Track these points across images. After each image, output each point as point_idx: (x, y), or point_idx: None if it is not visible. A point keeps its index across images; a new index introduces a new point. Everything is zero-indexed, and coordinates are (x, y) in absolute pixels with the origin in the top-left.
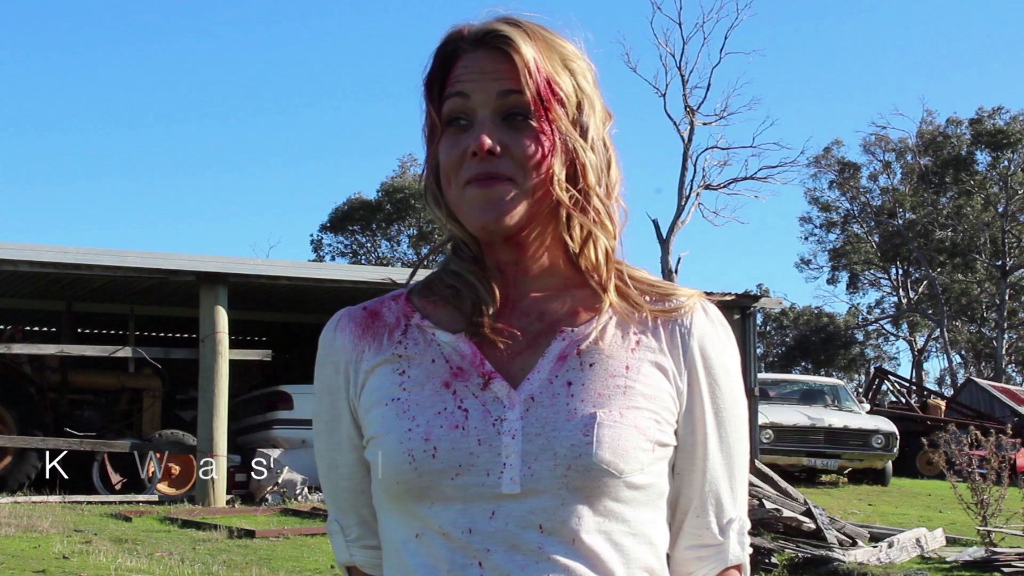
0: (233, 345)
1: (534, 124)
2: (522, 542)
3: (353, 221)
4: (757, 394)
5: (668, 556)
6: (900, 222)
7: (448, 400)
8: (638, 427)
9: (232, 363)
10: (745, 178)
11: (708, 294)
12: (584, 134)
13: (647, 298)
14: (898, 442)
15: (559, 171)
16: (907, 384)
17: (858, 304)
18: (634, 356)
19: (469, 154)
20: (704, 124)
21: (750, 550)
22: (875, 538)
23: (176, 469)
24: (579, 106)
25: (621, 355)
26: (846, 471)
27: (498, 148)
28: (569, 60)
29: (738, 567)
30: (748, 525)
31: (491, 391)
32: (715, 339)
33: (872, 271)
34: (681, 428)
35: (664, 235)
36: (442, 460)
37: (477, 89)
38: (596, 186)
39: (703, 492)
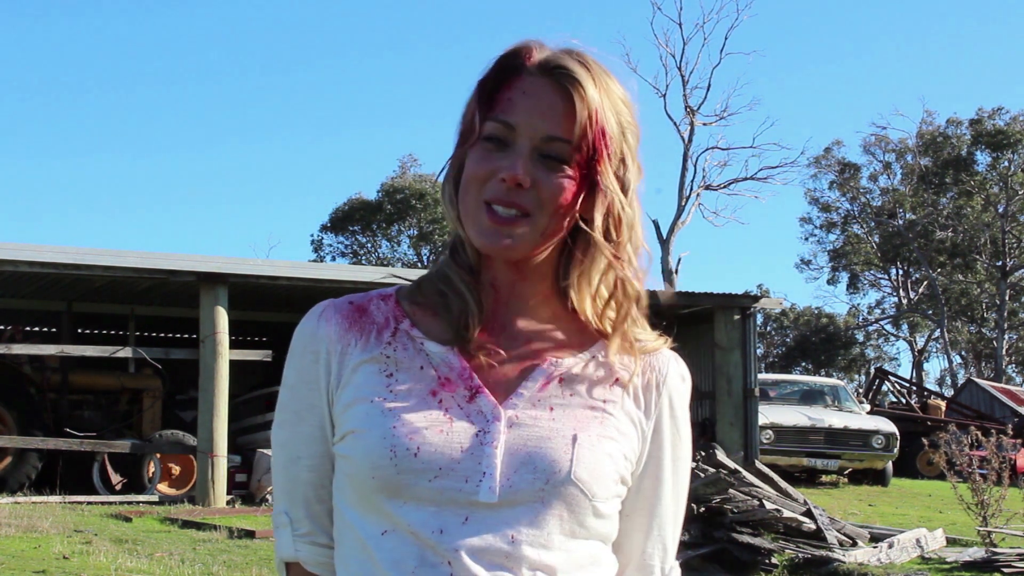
0: (233, 345)
1: (569, 169)
2: (492, 549)
3: (353, 221)
4: (757, 394)
5: None
6: (900, 222)
7: (434, 407)
8: (611, 456)
9: (232, 363)
10: (745, 178)
11: (707, 295)
12: (624, 189)
13: (628, 338)
14: (898, 442)
15: (600, 220)
16: (907, 384)
17: (858, 304)
18: (611, 392)
19: (499, 177)
20: (704, 124)
21: None
22: (875, 538)
23: (176, 469)
24: (623, 160)
25: (601, 391)
26: (846, 471)
27: (528, 184)
28: (621, 113)
29: None
30: (680, 573)
31: (476, 404)
32: (683, 392)
33: (872, 271)
34: (640, 471)
35: (664, 235)
36: (423, 460)
37: (526, 123)
38: (628, 242)
39: (652, 537)
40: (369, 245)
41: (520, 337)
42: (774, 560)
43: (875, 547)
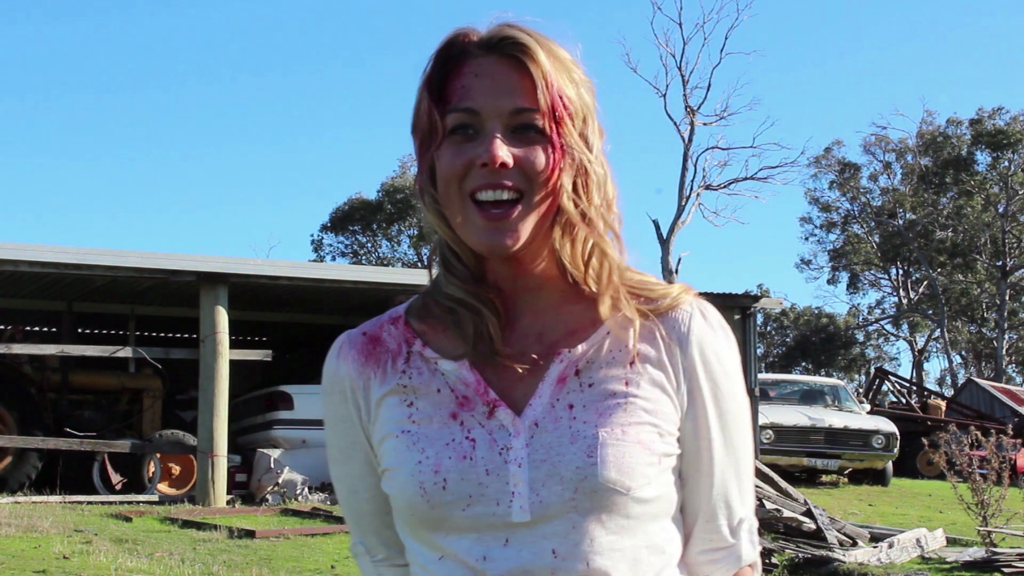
0: (233, 345)
1: (545, 138)
2: (536, 568)
3: (353, 221)
4: (757, 394)
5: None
6: (900, 222)
7: (456, 431)
8: (641, 442)
9: (232, 363)
10: (745, 178)
11: (707, 295)
12: (590, 148)
13: (641, 299)
14: (898, 442)
15: (568, 183)
16: (907, 384)
17: (858, 304)
18: (633, 370)
19: (478, 164)
20: (704, 124)
21: (760, 547)
22: (875, 538)
23: (176, 469)
24: (584, 120)
25: (619, 371)
26: (846, 471)
27: (511, 162)
28: (572, 71)
29: (751, 565)
30: (756, 523)
31: (496, 419)
32: (714, 342)
33: (872, 271)
34: (685, 435)
35: (664, 235)
36: (452, 492)
37: (488, 103)
38: (599, 200)
39: (712, 496)
40: (369, 245)
41: (530, 333)
42: (774, 560)
43: (875, 547)
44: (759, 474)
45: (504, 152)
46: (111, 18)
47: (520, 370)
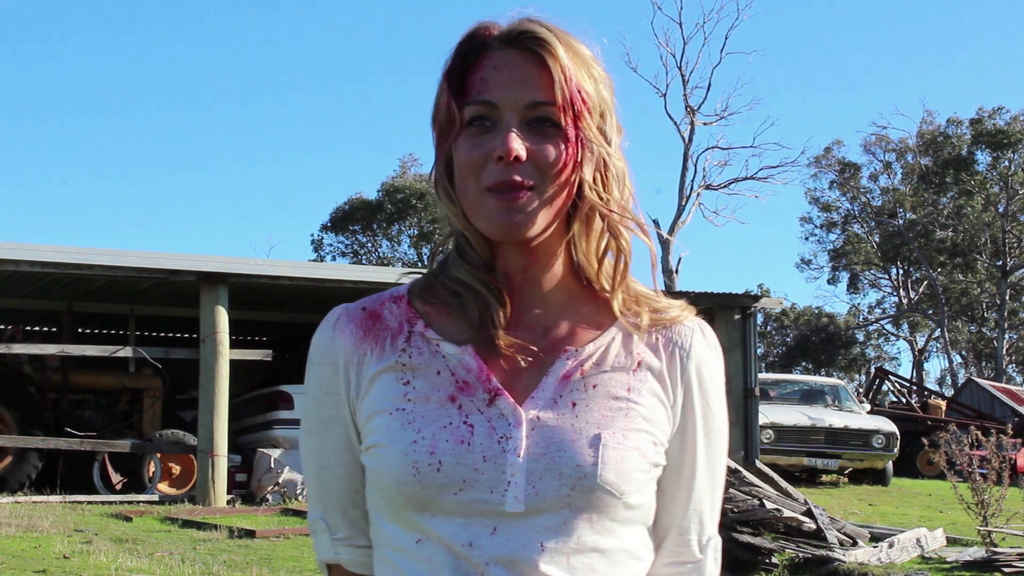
0: (234, 345)
1: (560, 132)
2: (520, 559)
3: (354, 221)
4: (757, 394)
5: None
6: (900, 222)
7: (454, 414)
8: (639, 449)
9: (233, 363)
10: (745, 178)
11: (707, 295)
12: (608, 143)
13: (646, 308)
14: (898, 442)
15: (589, 176)
16: (907, 384)
17: (858, 304)
18: (635, 378)
19: (494, 158)
20: (704, 124)
21: (720, 567)
22: (875, 538)
23: (176, 469)
24: (602, 115)
25: (623, 377)
26: (846, 471)
27: (524, 155)
28: (592, 67)
29: None
30: (720, 542)
31: (496, 407)
32: (711, 362)
33: (872, 271)
34: (672, 448)
35: (664, 235)
36: (446, 474)
37: (505, 96)
38: (619, 194)
39: (687, 511)
40: (369, 245)
41: (537, 327)
42: (774, 560)
43: (875, 547)
44: (759, 474)
45: (519, 145)
46: (109, 20)
47: (523, 362)
